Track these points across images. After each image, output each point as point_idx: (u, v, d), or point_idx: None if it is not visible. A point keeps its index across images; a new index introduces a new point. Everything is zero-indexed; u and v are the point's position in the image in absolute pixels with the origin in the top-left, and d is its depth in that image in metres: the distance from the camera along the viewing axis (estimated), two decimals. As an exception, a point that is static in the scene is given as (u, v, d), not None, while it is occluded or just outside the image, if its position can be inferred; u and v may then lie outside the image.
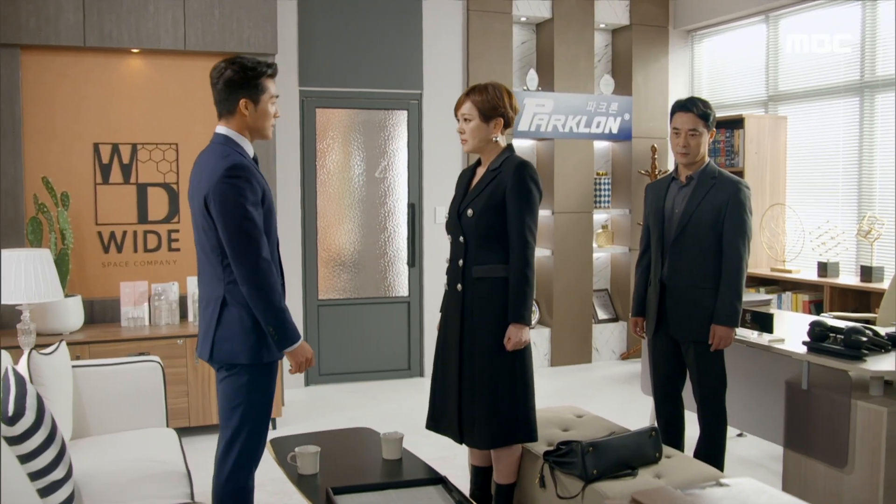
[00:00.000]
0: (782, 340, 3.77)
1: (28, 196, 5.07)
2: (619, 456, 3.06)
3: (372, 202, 6.46)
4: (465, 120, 3.24)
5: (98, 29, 5.14)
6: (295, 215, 6.17)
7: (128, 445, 3.33)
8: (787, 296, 5.76)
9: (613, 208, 7.19)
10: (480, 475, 3.53)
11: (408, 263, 6.54)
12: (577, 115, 6.85)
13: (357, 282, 6.46)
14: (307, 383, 6.29)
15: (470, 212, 3.21)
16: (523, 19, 6.83)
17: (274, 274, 2.81)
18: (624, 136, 7.01)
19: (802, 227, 5.92)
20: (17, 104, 5.05)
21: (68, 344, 4.65)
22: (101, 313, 5.26)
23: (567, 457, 3.09)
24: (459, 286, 3.25)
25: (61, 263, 4.90)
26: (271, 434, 4.90)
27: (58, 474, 2.68)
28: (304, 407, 5.73)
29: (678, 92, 7.16)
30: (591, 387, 6.35)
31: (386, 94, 6.38)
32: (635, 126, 7.03)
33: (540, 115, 6.75)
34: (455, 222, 3.28)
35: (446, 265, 3.37)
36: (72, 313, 4.84)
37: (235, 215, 2.75)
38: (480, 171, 3.32)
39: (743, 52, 6.65)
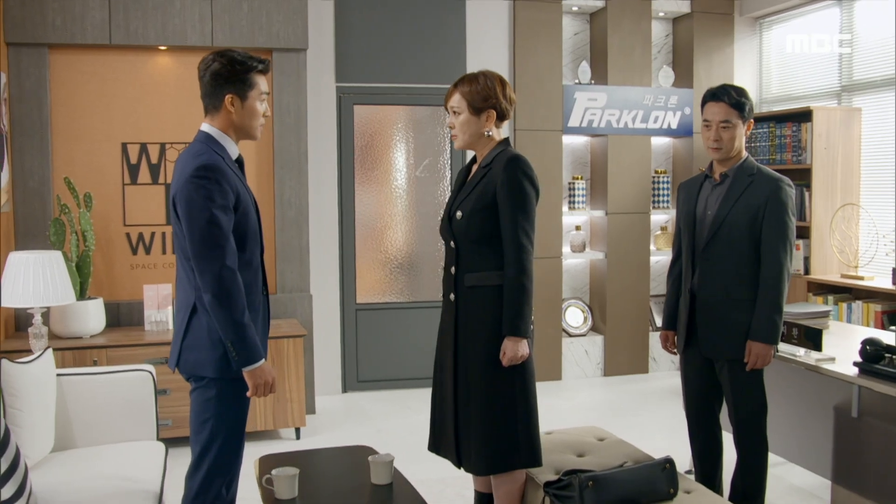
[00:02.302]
0: (832, 360, 3.33)
1: (55, 197, 5.01)
2: (624, 491, 2.71)
3: (413, 202, 6.20)
4: (455, 113, 2.95)
5: (124, 27, 5.05)
6: (332, 216, 5.97)
7: (106, 460, 3.15)
8: (858, 305, 5.22)
9: (674, 209, 6.73)
10: (484, 501, 3.23)
11: (451, 266, 6.24)
12: (633, 109, 6.43)
13: (398, 285, 6.21)
14: (344, 390, 6.08)
15: (459, 214, 2.92)
16: (575, 9, 6.45)
17: (238, 284, 2.59)
18: (684, 131, 6.56)
19: (877, 229, 5.37)
20: (45, 104, 5.00)
21: (87, 348, 4.60)
22: (127, 316, 5.16)
23: (566, 490, 2.76)
24: (452, 296, 2.95)
25: (83, 265, 4.81)
26: (268, 449, 4.69)
27: (5, 493, 2.52)
28: (334, 415, 5.52)
29: (745, 83, 6.65)
30: (644, 399, 5.94)
31: (427, 89, 6.11)
32: (697, 121, 6.55)
33: (592, 109, 6.36)
34: (446, 226, 2.99)
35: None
36: (92, 316, 4.75)
37: (200, 218, 2.57)
38: (474, 170, 3.02)
39: (815, 39, 6.10)
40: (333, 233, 6.00)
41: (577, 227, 6.58)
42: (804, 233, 5.70)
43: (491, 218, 2.86)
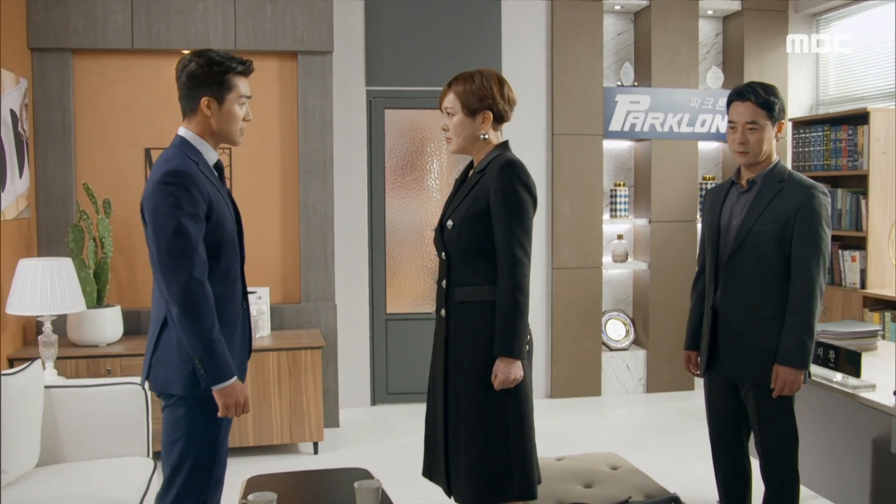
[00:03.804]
0: (873, 387, 2.99)
1: (76, 203, 4.96)
2: (622, 531, 2.45)
3: (445, 209, 5.99)
4: (448, 114, 2.75)
5: (146, 30, 4.98)
6: (361, 223, 5.81)
7: (88, 477, 3.03)
8: (918, 324, 4.81)
9: (723, 217, 6.37)
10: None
11: (485, 276, 6.02)
12: (679, 112, 6.11)
13: (429, 295, 6.01)
14: (373, 403, 5.90)
15: (450, 223, 2.70)
16: (618, 7, 6.16)
17: (206, 297, 2.43)
18: (734, 135, 6.19)
19: (940, 241, 4.96)
20: (68, 109, 4.97)
21: (101, 357, 4.52)
22: (147, 324, 5.06)
23: (560, 526, 2.51)
24: (443, 311, 2.74)
25: (101, 273, 4.75)
26: (283, 464, 4.59)
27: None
28: (357, 429, 5.34)
29: (799, 85, 6.28)
30: (687, 419, 5.60)
31: (461, 92, 5.89)
32: (747, 124, 6.19)
33: (634, 113, 6.07)
34: (438, 236, 2.77)
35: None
36: (108, 324, 4.67)
37: (166, 227, 2.43)
38: (471, 175, 2.79)
39: (875, 37, 5.70)
40: (363, 240, 5.83)
41: (620, 236, 6.29)
42: (860, 244, 5.31)
43: (483, 228, 2.63)
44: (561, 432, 5.33)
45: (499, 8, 5.91)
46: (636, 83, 6.20)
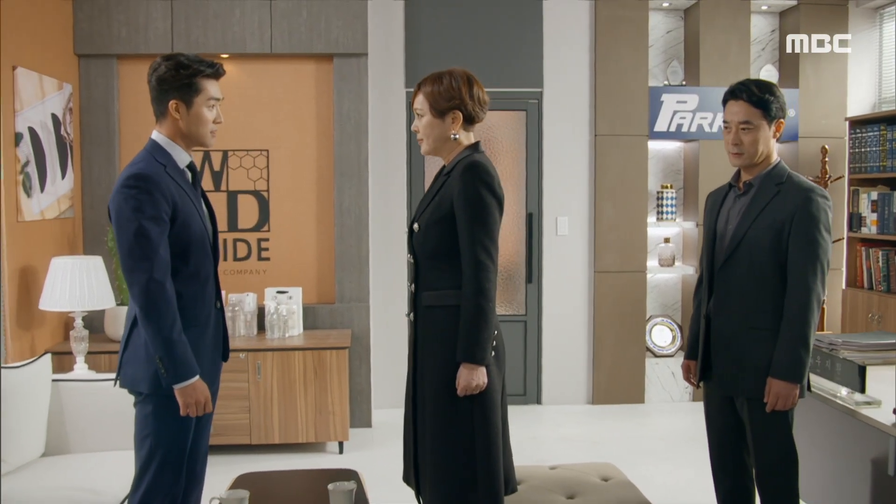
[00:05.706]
0: (878, 403, 2.81)
1: (118, 203, 5.14)
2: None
3: (485, 211, 5.94)
4: (418, 115, 2.71)
5: (185, 36, 5.12)
6: (400, 225, 5.82)
7: (83, 469, 3.15)
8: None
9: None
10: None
11: (526, 279, 5.96)
12: (729, 112, 5.88)
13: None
14: (410, 403, 5.89)
15: (416, 226, 2.67)
16: (666, 5, 5.99)
17: (167, 298, 2.49)
18: (788, 135, 5.92)
19: None
20: (112, 114, 5.16)
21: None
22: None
23: (519, 538, 2.45)
24: (411, 315, 2.71)
25: (137, 271, 4.90)
26: (307, 462, 4.64)
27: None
28: (389, 430, 5.34)
29: (860, 83, 5.96)
30: (729, 431, 5.38)
31: (502, 93, 5.81)
32: (802, 124, 5.92)
33: (681, 113, 5.88)
34: (408, 239, 2.75)
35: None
36: (143, 321, 4.81)
37: (128, 229, 2.51)
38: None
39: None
40: (402, 242, 5.84)
41: (667, 240, 6.11)
42: (916, 250, 5.01)
43: (449, 231, 2.59)
44: (594, 440, 5.22)
45: (540, 8, 5.83)
46: (684, 82, 6.02)
